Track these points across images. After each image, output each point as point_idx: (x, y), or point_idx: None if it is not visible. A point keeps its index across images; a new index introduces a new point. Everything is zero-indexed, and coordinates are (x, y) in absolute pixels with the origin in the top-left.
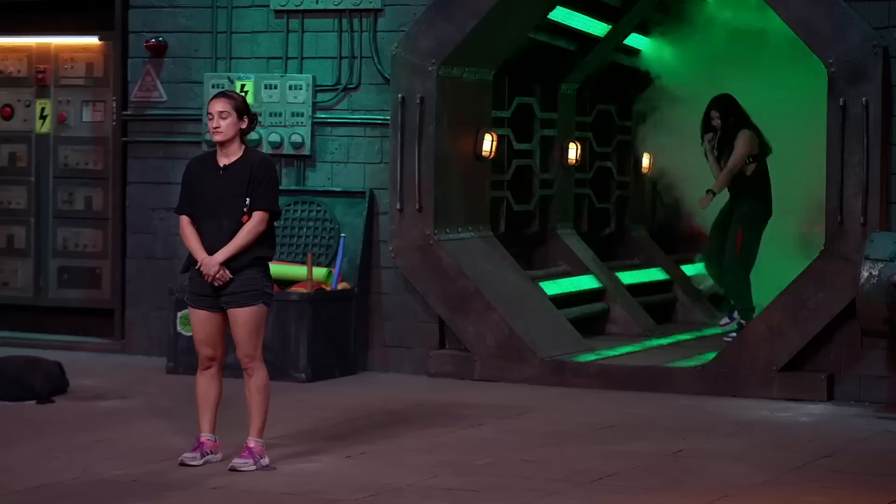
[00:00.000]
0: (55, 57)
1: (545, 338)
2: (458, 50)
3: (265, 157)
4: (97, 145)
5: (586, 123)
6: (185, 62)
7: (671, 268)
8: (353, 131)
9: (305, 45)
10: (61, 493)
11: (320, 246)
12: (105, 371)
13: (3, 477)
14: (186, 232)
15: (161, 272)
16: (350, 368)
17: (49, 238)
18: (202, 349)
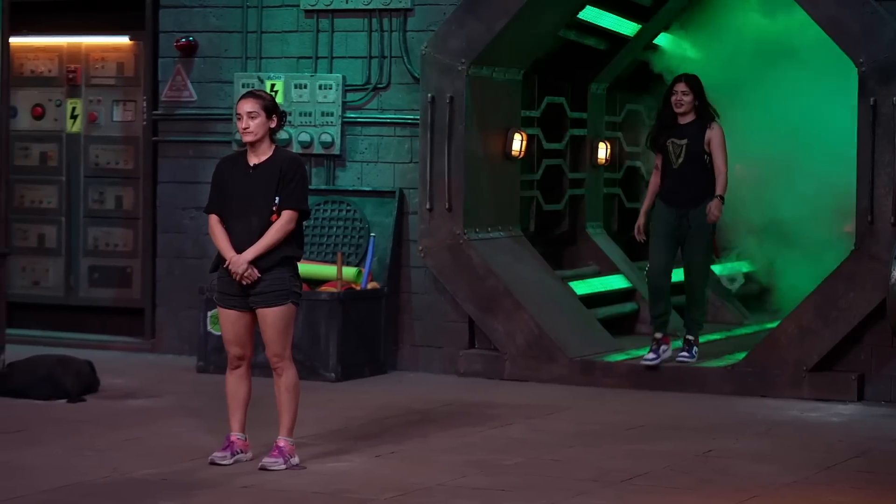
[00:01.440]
0: (86, 56)
1: (575, 337)
2: (487, 49)
3: (295, 156)
4: (128, 145)
5: (616, 123)
6: (215, 62)
7: None
8: (383, 131)
9: (335, 45)
10: (91, 491)
11: (350, 245)
12: (135, 370)
13: (34, 475)
14: (215, 231)
15: (191, 271)
16: (379, 368)
17: (80, 237)
18: (231, 348)
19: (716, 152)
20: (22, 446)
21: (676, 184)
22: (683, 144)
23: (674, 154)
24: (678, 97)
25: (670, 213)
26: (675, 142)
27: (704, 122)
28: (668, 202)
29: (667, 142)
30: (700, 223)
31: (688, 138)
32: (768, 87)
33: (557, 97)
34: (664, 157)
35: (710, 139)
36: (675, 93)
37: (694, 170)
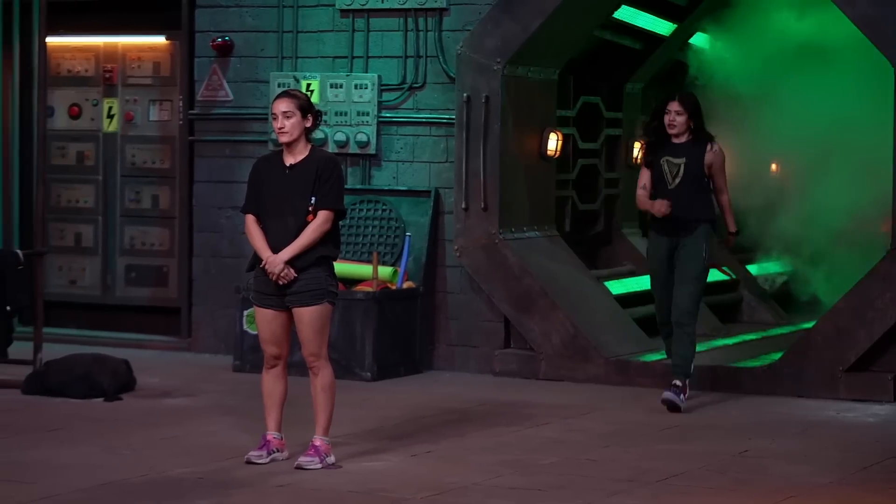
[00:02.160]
0: (122, 56)
1: (610, 337)
2: (523, 49)
3: (331, 156)
4: (164, 144)
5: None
6: (251, 61)
7: (737, 267)
8: (419, 130)
9: (371, 45)
10: (128, 490)
11: (386, 245)
12: (172, 369)
13: (71, 474)
14: (252, 231)
15: (227, 271)
16: (415, 367)
17: (116, 237)
18: (267, 347)
19: (718, 175)
20: (59, 445)
21: (673, 205)
22: (681, 163)
23: (669, 174)
24: (671, 117)
25: (664, 247)
26: (671, 160)
27: (703, 142)
28: (661, 230)
29: (661, 159)
30: (692, 252)
31: (686, 157)
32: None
33: (593, 97)
34: (656, 177)
35: (712, 162)
36: (669, 112)
37: (691, 191)
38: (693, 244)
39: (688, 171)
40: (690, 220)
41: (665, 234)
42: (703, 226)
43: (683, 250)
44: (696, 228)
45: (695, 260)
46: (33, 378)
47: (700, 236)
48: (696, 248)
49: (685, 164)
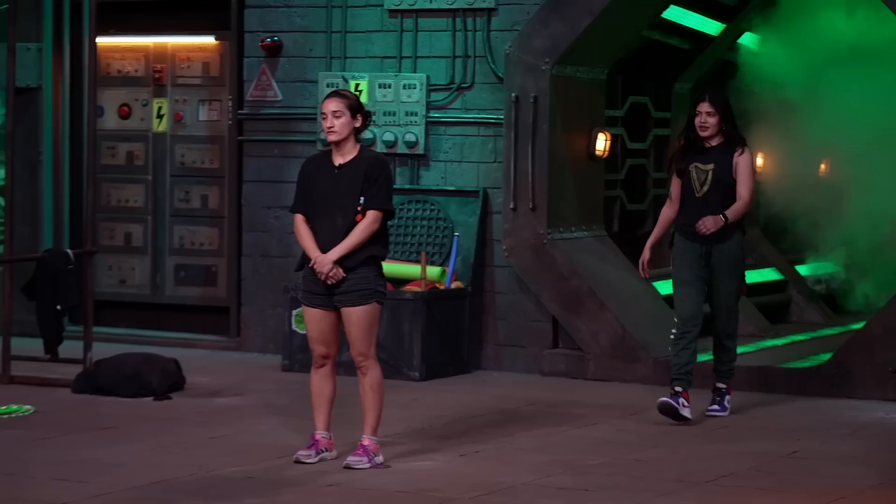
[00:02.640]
0: (172, 56)
1: (659, 337)
2: (571, 49)
3: (379, 156)
4: (213, 144)
5: None
6: (300, 61)
7: (785, 268)
8: (467, 130)
9: (419, 45)
10: (178, 488)
11: (434, 245)
12: (221, 368)
13: (121, 472)
14: (301, 230)
15: (276, 270)
16: (463, 367)
17: (166, 236)
18: (316, 347)
19: (741, 177)
20: (110, 443)
21: (700, 214)
22: (710, 170)
23: (697, 181)
24: (702, 118)
25: (693, 251)
26: (700, 167)
27: (733, 146)
28: (690, 236)
29: (690, 166)
30: (728, 259)
31: (714, 163)
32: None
33: (641, 97)
34: (685, 184)
35: (736, 164)
36: (699, 114)
37: (720, 199)
38: (727, 256)
39: (716, 179)
40: (722, 230)
41: (695, 240)
42: (736, 234)
43: (718, 264)
44: (728, 237)
45: (734, 271)
46: (83, 377)
47: (733, 246)
48: (732, 260)
49: (714, 170)
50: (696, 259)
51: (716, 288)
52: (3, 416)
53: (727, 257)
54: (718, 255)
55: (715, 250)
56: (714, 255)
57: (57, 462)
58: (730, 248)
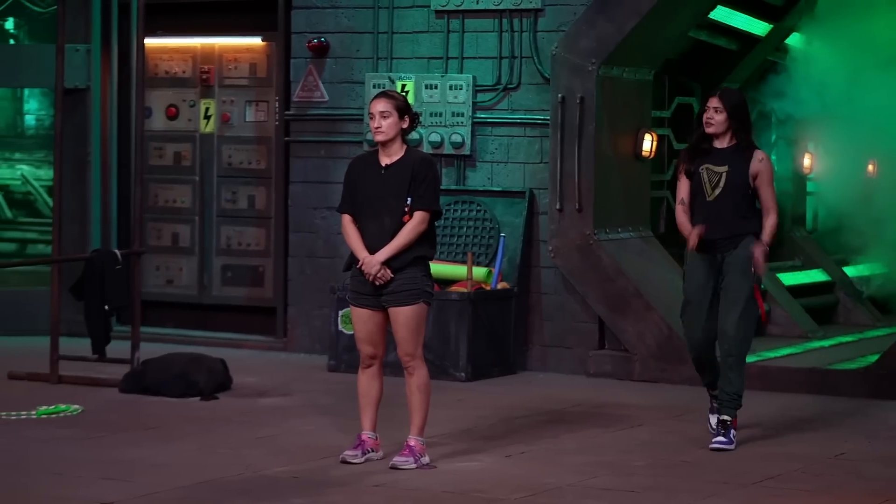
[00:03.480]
0: (219, 57)
1: None
2: (618, 50)
3: (426, 156)
4: (260, 145)
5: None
6: (346, 62)
7: (833, 269)
8: (513, 131)
9: (466, 45)
10: (224, 488)
11: (480, 245)
12: (267, 368)
13: (167, 472)
14: (348, 231)
15: (322, 271)
16: (509, 368)
17: (213, 236)
18: (363, 347)
19: (765, 189)
20: (157, 443)
21: (711, 220)
22: (723, 172)
23: (709, 183)
24: (709, 114)
25: (705, 264)
26: (712, 168)
27: (748, 148)
28: (700, 247)
29: (701, 168)
30: (738, 270)
31: (728, 165)
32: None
33: (688, 97)
34: (695, 188)
35: (759, 172)
36: (707, 109)
37: (733, 203)
38: (738, 261)
39: (730, 181)
40: (734, 236)
41: (705, 252)
42: (748, 238)
43: (728, 269)
44: (741, 242)
45: (741, 279)
46: (131, 377)
47: (746, 250)
48: (743, 265)
49: (727, 173)
50: (706, 276)
51: (724, 302)
52: (52, 416)
53: (738, 263)
54: (729, 265)
55: (726, 261)
56: (725, 265)
57: (104, 461)
58: (741, 253)
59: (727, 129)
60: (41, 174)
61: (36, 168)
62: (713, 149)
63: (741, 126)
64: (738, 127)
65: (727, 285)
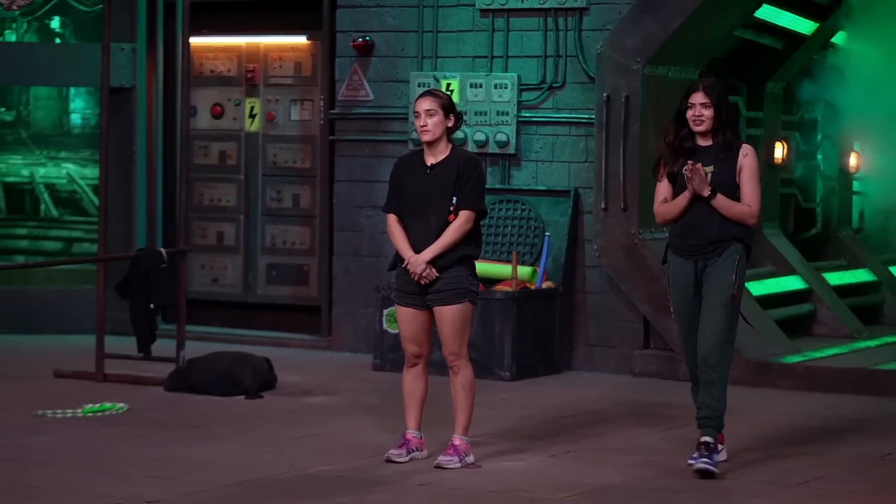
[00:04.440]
0: (264, 56)
1: (751, 339)
2: (663, 49)
3: (471, 155)
4: (305, 143)
5: (792, 122)
6: (391, 61)
7: (879, 269)
8: (558, 130)
9: (510, 44)
10: (269, 486)
11: (525, 244)
12: (312, 367)
13: (213, 470)
14: (394, 230)
15: (367, 270)
16: (554, 367)
17: (258, 235)
18: (408, 346)
19: (747, 184)
20: (202, 441)
21: (694, 226)
22: (709, 173)
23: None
24: (696, 111)
25: (689, 273)
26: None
27: (734, 144)
28: (683, 252)
29: (684, 169)
30: (719, 277)
31: (715, 165)
32: None
33: (733, 96)
34: (679, 190)
35: (742, 166)
36: (692, 106)
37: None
38: (721, 268)
39: (717, 183)
40: (720, 241)
41: (688, 257)
42: (734, 245)
43: (710, 276)
44: (727, 249)
45: (722, 286)
46: (176, 375)
47: (730, 257)
48: (725, 272)
49: (714, 173)
50: (693, 281)
51: (704, 304)
52: (97, 414)
53: (721, 270)
54: (710, 273)
55: (708, 268)
56: (707, 271)
57: (150, 460)
58: (725, 261)
59: (714, 126)
60: (87, 173)
61: (82, 167)
62: (697, 147)
63: (727, 120)
64: (724, 122)
65: (707, 293)
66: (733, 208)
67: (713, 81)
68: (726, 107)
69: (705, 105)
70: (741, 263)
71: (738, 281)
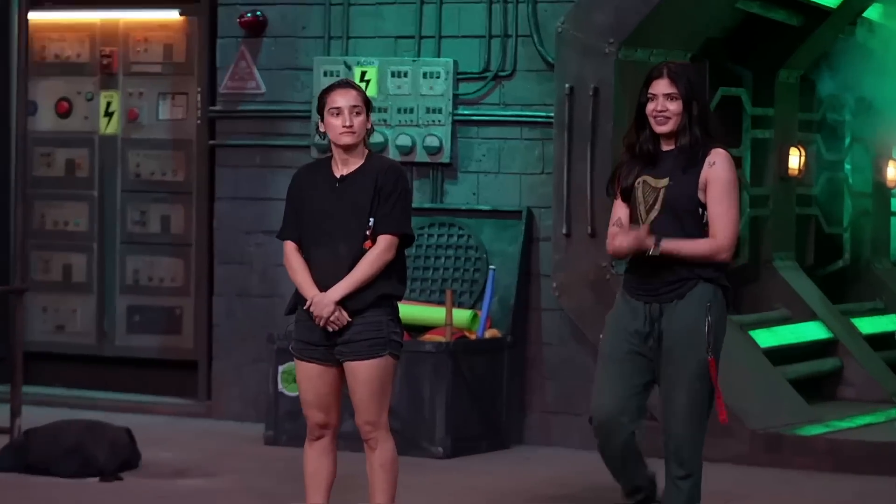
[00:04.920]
0: (125, 37)
1: (757, 404)
2: (643, 26)
3: (394, 165)
4: (177, 150)
5: (812, 122)
6: (289, 43)
7: None
8: (506, 132)
9: (445, 21)
10: None
11: (463, 281)
12: (186, 440)
13: None
14: (293, 262)
15: (258, 314)
16: (501, 441)
17: (116, 269)
18: (311, 414)
19: (716, 202)
20: None
21: (641, 263)
22: (662, 188)
23: (643, 203)
24: (659, 104)
25: (636, 315)
26: (650, 182)
27: (702, 148)
28: (633, 290)
29: (637, 181)
30: (688, 333)
31: (671, 177)
32: None
33: (735, 88)
34: (630, 212)
35: (708, 180)
36: (654, 97)
37: (675, 232)
38: (685, 318)
39: (670, 200)
40: (678, 280)
41: (637, 296)
42: (702, 286)
43: (670, 328)
44: (691, 290)
45: (692, 347)
46: (10, 451)
47: (698, 303)
48: (694, 325)
49: (668, 187)
50: (638, 327)
51: (664, 377)
52: None
53: (683, 326)
54: (669, 325)
55: (665, 317)
56: (663, 324)
57: None
58: (688, 312)
59: (683, 124)
60: None
61: None
62: (659, 152)
63: (699, 115)
64: (693, 118)
65: (669, 356)
66: (691, 249)
67: (681, 65)
68: (699, 99)
69: (671, 97)
70: (716, 313)
71: (713, 340)
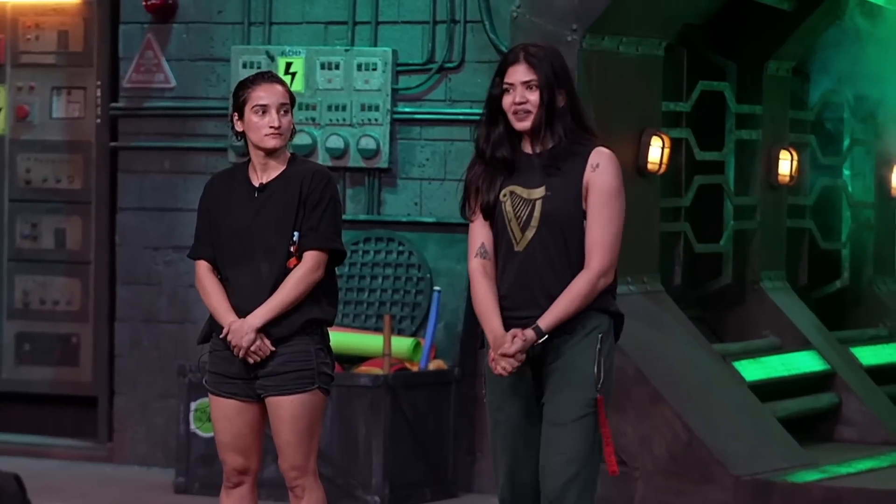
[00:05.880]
0: (12, 22)
1: (743, 445)
2: (611, 10)
3: (321, 170)
4: (74, 153)
5: (806, 122)
6: (203, 30)
7: None
8: (453, 133)
9: (382, 5)
10: None
11: (404, 304)
12: (85, 488)
13: None
14: (206, 284)
15: (167, 342)
16: (447, 489)
17: (3, 291)
18: (229, 457)
19: (596, 213)
20: None
21: (524, 286)
22: (537, 200)
23: (515, 221)
24: (517, 94)
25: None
26: (520, 193)
27: (582, 147)
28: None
29: (501, 193)
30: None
31: (547, 185)
32: None
33: (717, 82)
34: (499, 231)
35: (589, 184)
36: (511, 88)
37: (559, 252)
38: (572, 358)
39: (549, 214)
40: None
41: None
42: (594, 320)
43: (556, 369)
44: (579, 326)
45: (575, 387)
46: None
47: (587, 341)
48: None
49: (545, 199)
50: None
51: (550, 412)
52: None
53: (573, 361)
54: (557, 364)
55: (551, 352)
56: (548, 361)
57: None
58: (578, 350)
59: (545, 119)
60: None
61: None
62: (522, 156)
63: (569, 107)
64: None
65: (553, 402)
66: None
67: (542, 48)
68: (566, 86)
69: (530, 85)
70: (605, 346)
71: (601, 375)
